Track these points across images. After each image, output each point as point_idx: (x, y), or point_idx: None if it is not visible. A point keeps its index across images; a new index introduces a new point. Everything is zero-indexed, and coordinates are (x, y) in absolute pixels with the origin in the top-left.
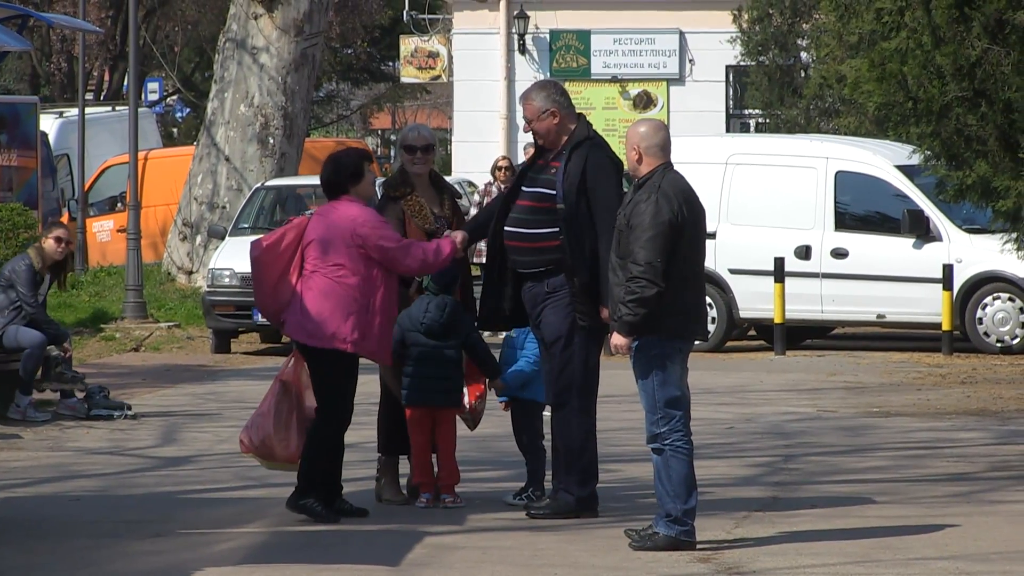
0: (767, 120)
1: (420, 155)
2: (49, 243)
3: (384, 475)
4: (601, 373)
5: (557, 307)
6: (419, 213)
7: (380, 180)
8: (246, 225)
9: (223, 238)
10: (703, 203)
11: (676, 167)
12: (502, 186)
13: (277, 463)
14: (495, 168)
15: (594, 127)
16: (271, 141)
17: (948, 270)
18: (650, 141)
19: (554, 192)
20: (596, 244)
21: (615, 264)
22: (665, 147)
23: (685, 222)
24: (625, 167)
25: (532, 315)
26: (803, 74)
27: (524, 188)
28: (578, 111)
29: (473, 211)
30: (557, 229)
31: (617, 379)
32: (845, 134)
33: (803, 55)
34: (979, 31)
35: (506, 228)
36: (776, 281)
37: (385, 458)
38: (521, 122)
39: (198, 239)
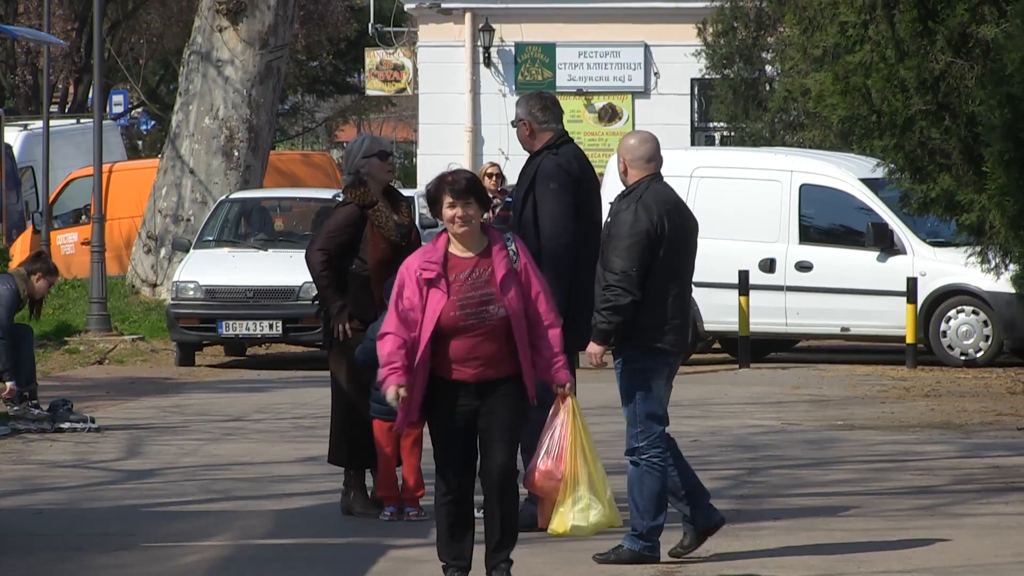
0: (732, 133)
1: (391, 161)
2: (41, 283)
3: (352, 488)
4: (577, 386)
5: None
6: (385, 224)
7: (338, 193)
8: (210, 238)
9: (187, 251)
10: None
11: None
12: (489, 194)
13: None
14: (483, 175)
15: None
16: (236, 154)
17: (912, 283)
18: (635, 153)
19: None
20: (537, 251)
21: (599, 274)
22: (651, 159)
23: (665, 233)
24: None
25: None
26: (768, 87)
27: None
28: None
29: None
30: None
31: (590, 392)
32: (809, 147)
33: (768, 68)
34: (943, 44)
35: None
36: (740, 294)
37: (353, 472)
38: (485, 135)
39: (162, 252)
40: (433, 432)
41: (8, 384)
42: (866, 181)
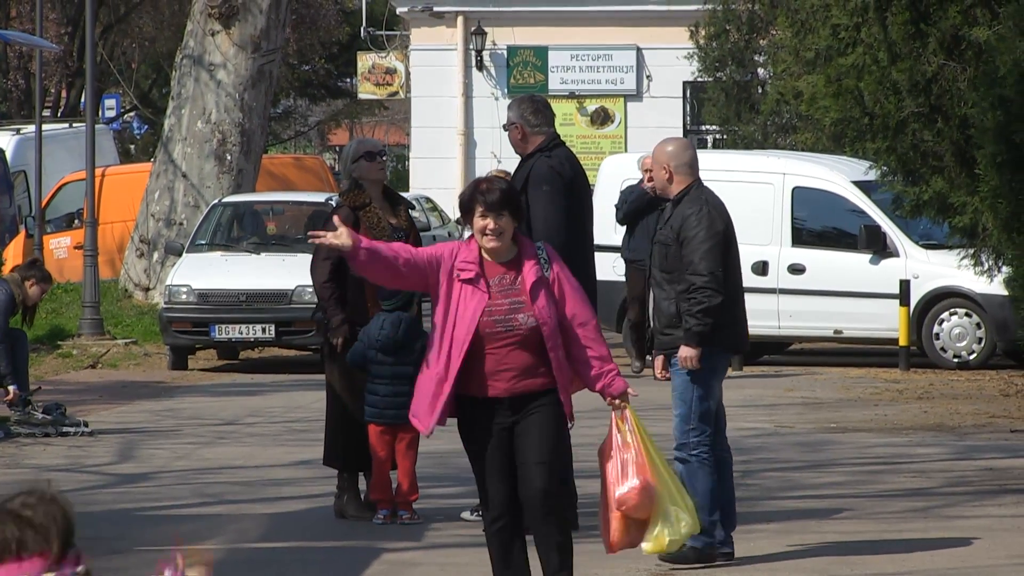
0: (724, 136)
1: (380, 160)
2: (34, 290)
3: (346, 492)
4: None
5: None
6: (376, 225)
7: (335, 196)
8: (203, 242)
9: (180, 255)
10: None
11: (632, 182)
12: None
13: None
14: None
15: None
16: (228, 158)
17: (905, 285)
18: (680, 160)
19: None
20: None
21: (660, 279)
22: (694, 164)
23: (732, 235)
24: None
25: None
26: (760, 90)
27: None
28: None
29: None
30: None
31: (576, 394)
32: (802, 150)
33: (760, 71)
34: (935, 47)
35: None
36: None
37: (346, 475)
38: (478, 138)
39: (155, 256)
40: (470, 455)
41: (11, 388)
42: (859, 184)
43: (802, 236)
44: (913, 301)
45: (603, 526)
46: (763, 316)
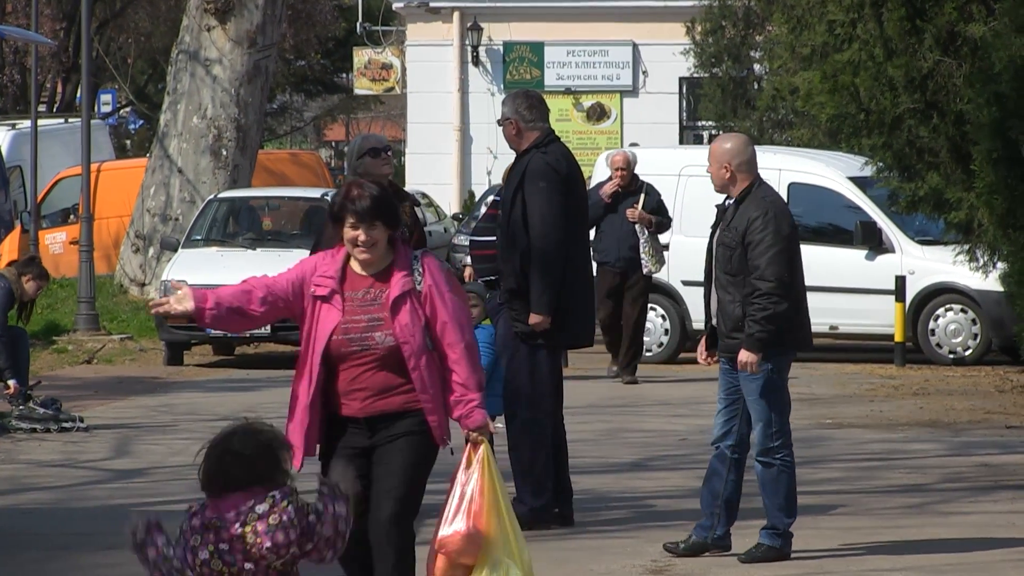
0: (720, 132)
1: (385, 156)
2: (31, 285)
3: None
4: (565, 385)
5: (506, 317)
6: None
7: (331, 191)
8: (199, 237)
9: (176, 250)
10: None
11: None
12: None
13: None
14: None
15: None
16: (224, 153)
17: (901, 281)
18: (741, 157)
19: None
20: (527, 249)
21: (724, 282)
22: (755, 162)
23: (797, 236)
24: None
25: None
26: (756, 86)
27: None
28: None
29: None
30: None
31: (578, 391)
32: (798, 146)
33: (756, 67)
34: (931, 43)
35: (470, 237)
36: None
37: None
38: (474, 134)
39: (151, 251)
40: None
41: (11, 383)
42: (854, 180)
43: (798, 232)
44: (909, 297)
45: (430, 552)
46: None
